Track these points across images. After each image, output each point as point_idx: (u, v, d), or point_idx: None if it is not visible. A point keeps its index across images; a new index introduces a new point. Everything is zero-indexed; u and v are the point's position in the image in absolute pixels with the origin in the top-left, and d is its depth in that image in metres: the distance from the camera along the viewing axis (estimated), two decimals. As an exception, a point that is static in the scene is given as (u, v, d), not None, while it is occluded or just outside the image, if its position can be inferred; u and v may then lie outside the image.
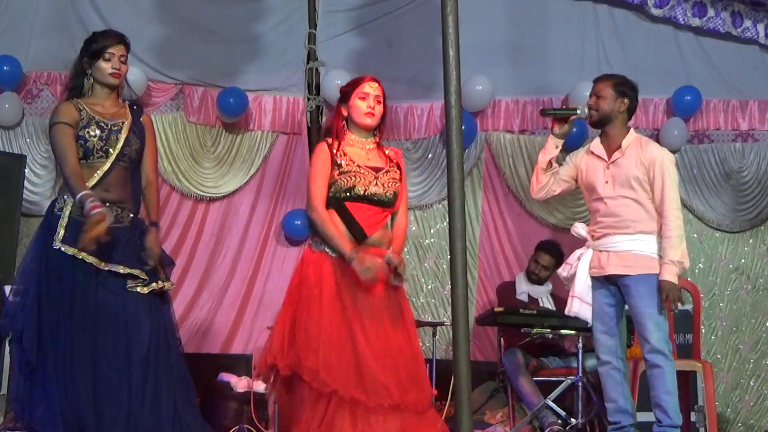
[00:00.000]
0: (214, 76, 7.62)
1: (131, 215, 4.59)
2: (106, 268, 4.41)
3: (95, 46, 4.64)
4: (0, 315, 4.66)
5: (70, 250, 4.39)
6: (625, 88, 5.23)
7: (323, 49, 7.78)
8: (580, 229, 5.33)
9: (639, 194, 5.09)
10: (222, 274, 7.54)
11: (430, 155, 7.80)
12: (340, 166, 4.53)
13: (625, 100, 5.21)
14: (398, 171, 4.67)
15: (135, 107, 4.76)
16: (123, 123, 4.60)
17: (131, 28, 7.54)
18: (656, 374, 4.98)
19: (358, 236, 4.50)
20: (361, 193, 4.52)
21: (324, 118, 7.80)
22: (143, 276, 4.48)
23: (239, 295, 7.54)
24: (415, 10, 7.70)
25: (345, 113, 4.67)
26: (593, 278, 5.17)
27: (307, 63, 7.78)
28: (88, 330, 4.37)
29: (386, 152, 4.72)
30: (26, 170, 7.27)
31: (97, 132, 4.52)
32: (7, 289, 6.00)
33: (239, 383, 6.66)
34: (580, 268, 5.19)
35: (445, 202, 6.49)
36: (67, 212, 4.46)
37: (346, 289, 4.44)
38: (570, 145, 6.72)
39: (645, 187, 5.09)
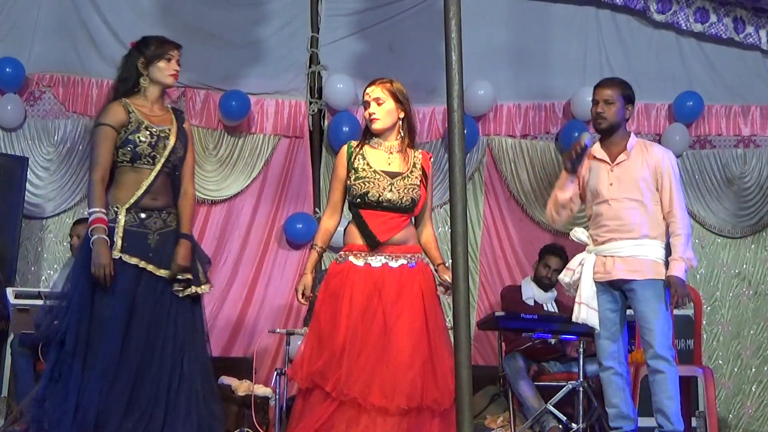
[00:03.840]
0: (217, 79, 7.63)
1: (176, 218, 4.67)
2: (159, 273, 4.54)
3: (156, 48, 4.69)
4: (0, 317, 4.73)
5: (133, 260, 4.49)
6: (630, 93, 5.26)
7: (325, 53, 7.78)
8: (580, 233, 5.32)
9: (644, 196, 5.10)
10: (223, 278, 7.54)
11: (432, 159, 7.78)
12: (356, 170, 4.56)
13: (630, 107, 5.24)
14: (421, 176, 4.65)
15: (177, 113, 4.80)
16: (170, 129, 4.66)
17: (134, 31, 7.54)
18: (659, 380, 4.98)
19: (371, 243, 4.53)
20: (375, 199, 4.53)
21: (326, 122, 7.81)
22: (185, 278, 4.57)
23: (240, 298, 7.54)
24: (417, 14, 7.71)
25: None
26: (596, 283, 5.16)
27: (309, 67, 7.79)
28: (140, 339, 4.46)
29: (413, 155, 4.69)
30: (28, 172, 7.28)
31: (147, 138, 4.58)
32: (9, 291, 6.04)
33: (240, 386, 6.65)
34: (584, 273, 5.17)
35: (447, 207, 6.48)
36: (122, 222, 4.51)
37: (372, 295, 4.47)
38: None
39: (651, 189, 5.11)
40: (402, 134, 4.68)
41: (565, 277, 5.34)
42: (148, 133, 4.59)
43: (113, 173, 4.60)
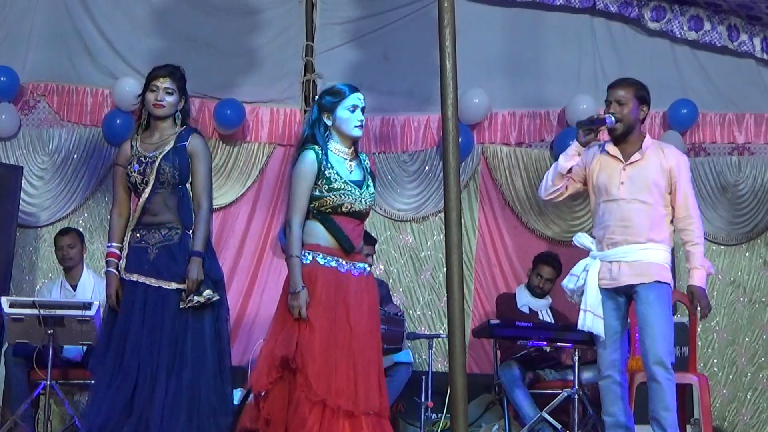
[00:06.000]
0: (211, 87, 7.63)
1: (179, 233, 4.79)
2: (156, 285, 4.72)
3: (145, 81, 4.92)
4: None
5: (133, 276, 4.76)
6: (645, 93, 5.12)
7: (320, 62, 7.78)
8: (583, 239, 5.19)
9: (655, 199, 4.97)
10: (218, 286, 7.52)
11: (426, 168, 7.80)
12: (328, 180, 4.48)
13: (645, 107, 5.10)
14: (373, 182, 4.65)
15: (183, 132, 4.90)
16: (160, 153, 4.81)
17: (129, 40, 7.62)
18: (656, 389, 4.88)
19: (348, 248, 4.51)
20: (347, 210, 4.51)
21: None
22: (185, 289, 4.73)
23: (235, 307, 7.50)
24: (412, 22, 7.71)
25: (329, 123, 4.58)
26: (601, 290, 5.04)
27: (304, 75, 7.79)
28: (138, 350, 4.66)
29: (362, 160, 4.66)
30: (23, 181, 7.27)
31: (137, 167, 4.81)
32: (3, 300, 6.04)
33: (234, 395, 6.63)
34: (589, 280, 5.05)
35: (442, 215, 6.47)
36: (127, 242, 4.83)
37: (339, 298, 4.46)
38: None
39: (662, 193, 4.99)
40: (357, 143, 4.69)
41: (569, 283, 5.20)
42: (137, 163, 4.82)
43: None
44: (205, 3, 7.72)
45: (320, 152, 4.51)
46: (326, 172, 4.49)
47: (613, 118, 5.04)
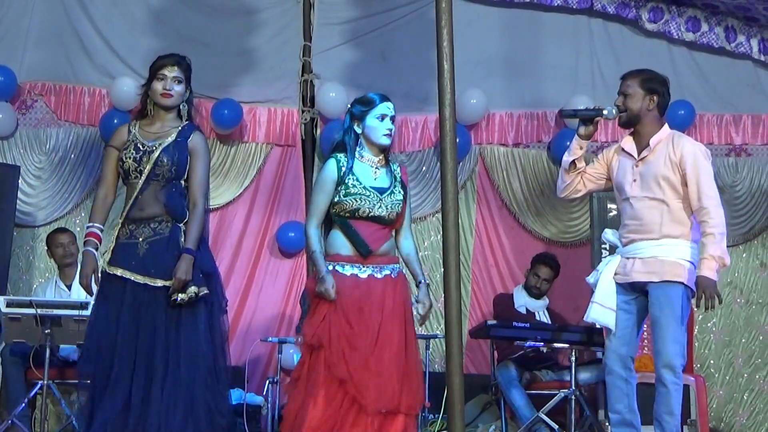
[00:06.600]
0: (209, 87, 7.60)
1: (170, 225, 4.69)
2: (143, 282, 4.60)
3: (152, 67, 4.81)
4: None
5: (118, 271, 4.61)
6: (654, 83, 5.02)
7: (318, 62, 7.79)
8: (610, 235, 5.12)
9: (666, 194, 4.85)
10: (215, 286, 7.52)
11: (424, 168, 7.80)
12: (346, 185, 4.55)
13: (654, 97, 4.98)
14: (403, 191, 4.68)
15: (186, 127, 4.82)
16: (160, 144, 4.70)
17: (126, 40, 7.62)
18: (662, 393, 4.80)
19: (364, 252, 4.55)
20: (365, 215, 4.55)
21: (318, 131, 7.80)
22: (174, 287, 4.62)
23: (232, 307, 7.48)
24: (410, 23, 7.72)
25: (359, 131, 4.67)
26: (618, 284, 4.96)
27: (302, 75, 7.79)
28: (132, 350, 4.57)
29: (392, 169, 4.71)
30: (20, 181, 7.27)
31: (133, 154, 4.69)
32: (0, 299, 6.03)
33: (232, 395, 6.63)
34: (604, 273, 4.99)
35: (439, 215, 6.49)
36: (115, 235, 4.70)
37: (361, 302, 4.50)
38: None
39: (675, 186, 4.86)
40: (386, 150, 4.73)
41: (590, 277, 5.13)
42: (134, 150, 4.69)
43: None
44: (202, 3, 7.73)
45: (342, 160, 4.61)
46: (346, 178, 4.57)
47: (613, 110, 5.00)
